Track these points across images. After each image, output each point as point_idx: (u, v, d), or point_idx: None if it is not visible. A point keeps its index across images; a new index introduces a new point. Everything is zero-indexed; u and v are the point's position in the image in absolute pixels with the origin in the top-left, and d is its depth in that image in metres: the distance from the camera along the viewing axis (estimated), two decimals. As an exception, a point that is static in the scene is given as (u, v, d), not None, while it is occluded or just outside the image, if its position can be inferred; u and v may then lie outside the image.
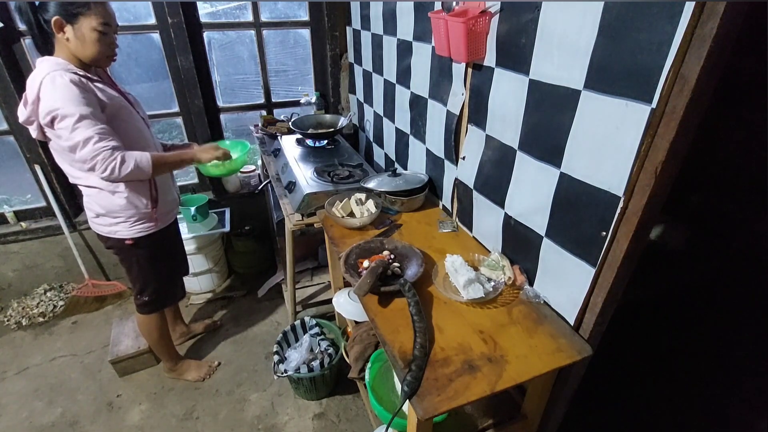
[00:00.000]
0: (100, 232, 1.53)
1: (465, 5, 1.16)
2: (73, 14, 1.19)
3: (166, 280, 1.72)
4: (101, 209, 1.45)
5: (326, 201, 1.60)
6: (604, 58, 0.83)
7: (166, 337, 1.86)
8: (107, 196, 1.42)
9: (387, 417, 1.28)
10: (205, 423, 1.79)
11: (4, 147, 2.19)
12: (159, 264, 1.64)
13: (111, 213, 1.45)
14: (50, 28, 1.20)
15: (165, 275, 1.71)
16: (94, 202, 1.44)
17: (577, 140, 0.94)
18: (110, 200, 1.43)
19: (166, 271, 1.70)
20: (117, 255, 1.61)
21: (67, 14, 1.19)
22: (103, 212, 1.45)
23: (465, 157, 1.40)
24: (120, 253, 1.59)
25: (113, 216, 1.46)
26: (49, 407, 1.86)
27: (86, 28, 1.22)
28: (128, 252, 1.56)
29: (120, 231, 1.48)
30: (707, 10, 0.65)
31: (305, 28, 2.48)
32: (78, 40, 1.23)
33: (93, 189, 1.42)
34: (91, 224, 1.54)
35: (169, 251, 1.72)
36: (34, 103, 1.21)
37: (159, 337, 1.82)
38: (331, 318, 2.15)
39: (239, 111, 2.61)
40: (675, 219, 2.12)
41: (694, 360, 1.94)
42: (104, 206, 1.44)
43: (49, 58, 1.25)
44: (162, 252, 1.64)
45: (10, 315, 2.34)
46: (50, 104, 1.18)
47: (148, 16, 2.13)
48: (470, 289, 1.14)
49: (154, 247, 1.59)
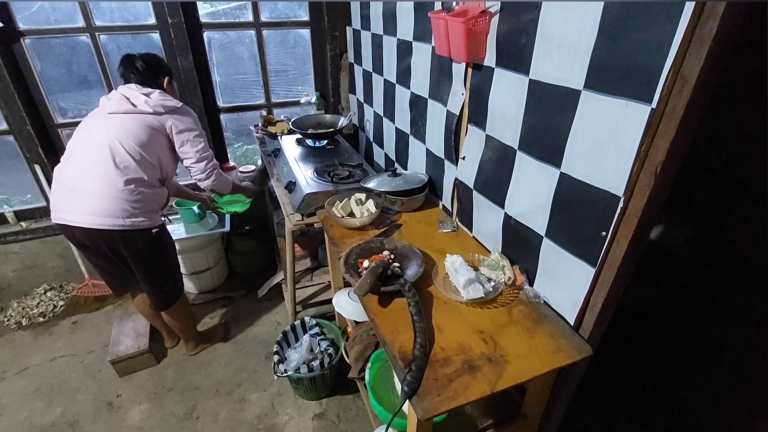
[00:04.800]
0: (118, 227, 1.52)
1: (465, 5, 1.16)
2: (171, 76, 1.73)
3: (179, 267, 1.94)
4: (143, 201, 1.58)
5: (326, 201, 1.60)
6: (604, 58, 0.83)
7: (191, 317, 2.05)
8: (157, 192, 1.65)
9: (387, 417, 1.28)
10: (205, 423, 1.79)
11: (4, 147, 2.19)
12: (174, 250, 1.83)
13: (145, 205, 1.60)
14: (158, 79, 1.67)
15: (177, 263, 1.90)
16: (145, 197, 1.59)
17: (577, 140, 0.94)
18: (157, 194, 1.65)
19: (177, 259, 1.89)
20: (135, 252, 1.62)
21: (170, 75, 1.72)
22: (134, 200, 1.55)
23: (465, 157, 1.40)
24: (140, 248, 1.63)
25: (145, 208, 1.60)
26: (49, 407, 1.86)
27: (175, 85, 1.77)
28: (151, 242, 1.66)
29: (146, 222, 1.61)
30: (707, 10, 0.65)
31: (305, 28, 2.48)
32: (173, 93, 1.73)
33: (151, 188, 1.62)
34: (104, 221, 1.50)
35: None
36: (172, 113, 1.62)
37: (187, 321, 2.00)
38: (331, 318, 2.15)
39: (239, 111, 2.61)
40: (675, 219, 2.12)
41: (694, 360, 1.94)
42: (152, 200, 1.63)
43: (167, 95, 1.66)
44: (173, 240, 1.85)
45: (10, 315, 2.33)
46: (189, 125, 1.67)
47: (148, 16, 2.13)
48: (470, 289, 1.14)
49: (170, 236, 1.81)
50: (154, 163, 1.61)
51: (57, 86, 2.18)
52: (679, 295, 2.11)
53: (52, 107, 2.18)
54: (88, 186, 1.50)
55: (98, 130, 1.56)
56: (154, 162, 1.61)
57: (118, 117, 1.56)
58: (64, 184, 1.54)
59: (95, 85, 2.21)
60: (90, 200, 1.49)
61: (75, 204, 1.51)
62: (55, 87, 2.17)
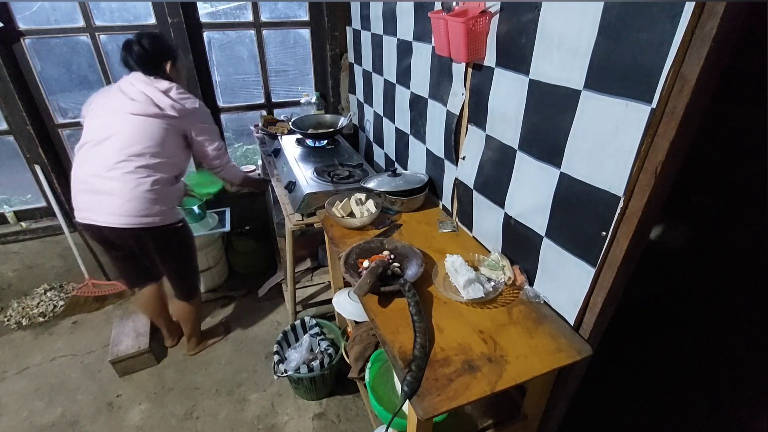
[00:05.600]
0: (146, 224, 1.58)
1: (465, 5, 1.16)
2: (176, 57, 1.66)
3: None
4: (158, 195, 1.60)
5: (326, 201, 1.60)
6: (604, 58, 0.83)
7: (200, 315, 2.10)
8: (177, 188, 1.70)
9: (387, 417, 1.28)
10: (205, 423, 1.79)
11: (4, 147, 2.19)
12: (194, 242, 1.88)
13: (169, 202, 1.65)
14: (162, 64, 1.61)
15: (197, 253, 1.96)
16: (168, 194, 1.64)
17: (577, 140, 0.94)
18: (177, 189, 1.71)
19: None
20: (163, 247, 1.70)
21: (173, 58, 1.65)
22: (160, 197, 1.60)
23: (465, 157, 1.40)
24: (169, 243, 1.71)
25: (166, 203, 1.63)
26: (49, 407, 1.86)
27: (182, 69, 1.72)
28: (177, 235, 1.73)
29: (169, 217, 1.66)
30: (707, 10, 0.65)
31: (305, 28, 2.48)
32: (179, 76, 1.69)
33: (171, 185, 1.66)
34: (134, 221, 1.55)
35: None
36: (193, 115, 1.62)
37: (198, 317, 2.05)
38: (331, 318, 2.15)
39: (239, 111, 2.61)
40: (675, 219, 2.12)
41: (694, 360, 1.94)
42: (174, 196, 1.68)
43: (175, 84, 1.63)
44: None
45: (10, 315, 2.34)
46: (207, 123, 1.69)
47: (148, 16, 2.13)
48: (470, 289, 1.14)
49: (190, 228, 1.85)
50: (174, 161, 1.64)
51: (57, 86, 2.18)
52: (679, 295, 2.11)
53: (52, 107, 2.18)
54: (113, 188, 1.52)
55: (120, 131, 1.52)
56: (174, 161, 1.64)
57: (140, 119, 1.52)
58: (86, 184, 1.55)
59: (95, 85, 2.21)
60: (117, 202, 1.53)
61: (102, 205, 1.54)
62: (55, 87, 2.18)
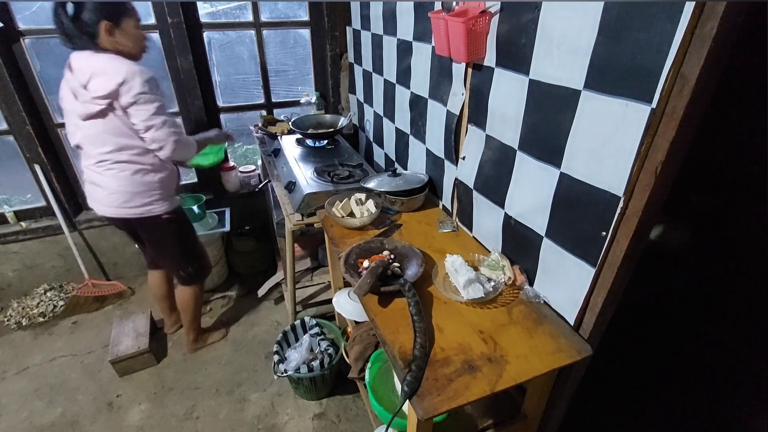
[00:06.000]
0: (131, 216, 1.61)
1: (465, 5, 1.16)
2: (117, 17, 1.39)
3: (201, 247, 1.94)
4: (142, 187, 1.57)
5: (326, 201, 1.60)
6: (604, 58, 0.83)
7: (200, 307, 2.06)
8: (167, 175, 1.62)
9: (387, 417, 1.28)
10: (205, 423, 1.79)
11: (4, 147, 2.19)
12: (193, 232, 1.85)
13: (150, 191, 1.59)
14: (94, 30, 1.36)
15: (199, 243, 1.92)
16: (137, 182, 1.56)
17: (577, 140, 0.94)
18: (167, 177, 1.62)
19: (198, 240, 1.90)
20: (152, 237, 1.73)
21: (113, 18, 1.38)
22: (143, 189, 1.57)
23: (465, 157, 1.40)
24: (156, 233, 1.71)
25: (151, 194, 1.59)
26: (49, 407, 1.86)
27: (130, 28, 1.43)
28: (166, 228, 1.70)
29: (156, 208, 1.63)
30: (707, 10, 0.65)
31: (305, 28, 2.47)
32: (126, 39, 1.43)
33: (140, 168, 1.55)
34: (120, 211, 1.60)
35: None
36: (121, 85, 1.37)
37: (197, 307, 2.00)
38: (331, 318, 2.15)
39: (239, 111, 2.61)
40: (675, 219, 2.12)
41: (694, 360, 1.94)
42: (146, 183, 1.58)
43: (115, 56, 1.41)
44: (190, 222, 1.85)
45: (10, 315, 2.33)
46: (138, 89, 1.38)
47: (147, 16, 2.12)
48: (470, 289, 1.14)
49: (186, 218, 1.80)
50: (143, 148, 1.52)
51: (57, 86, 2.14)
52: (679, 295, 2.11)
53: (52, 107, 2.18)
54: (101, 181, 1.58)
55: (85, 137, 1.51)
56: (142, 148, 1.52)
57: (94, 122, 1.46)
58: (86, 175, 1.63)
59: (95, 85, 2.20)
60: (103, 193, 1.59)
61: (96, 195, 1.62)
62: (54, 87, 2.16)
